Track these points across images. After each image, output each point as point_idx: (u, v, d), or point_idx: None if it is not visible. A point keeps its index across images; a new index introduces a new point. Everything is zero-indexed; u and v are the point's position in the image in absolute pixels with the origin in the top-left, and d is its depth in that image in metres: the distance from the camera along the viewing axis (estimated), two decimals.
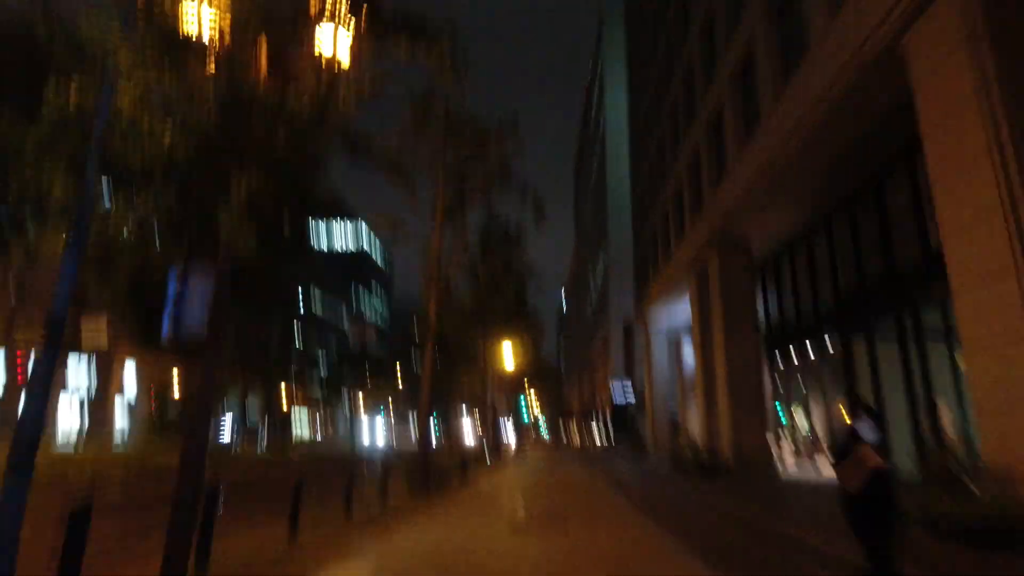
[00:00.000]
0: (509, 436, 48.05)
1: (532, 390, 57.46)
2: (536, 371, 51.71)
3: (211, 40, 5.26)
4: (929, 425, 9.99)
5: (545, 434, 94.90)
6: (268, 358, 65.15)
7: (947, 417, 9.72)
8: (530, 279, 22.33)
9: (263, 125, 5.60)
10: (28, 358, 21.80)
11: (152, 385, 27.55)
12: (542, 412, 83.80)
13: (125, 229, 5.67)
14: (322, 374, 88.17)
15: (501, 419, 43.92)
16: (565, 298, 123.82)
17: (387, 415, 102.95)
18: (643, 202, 31.68)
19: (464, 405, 51.42)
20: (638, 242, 34.34)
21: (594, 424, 60.63)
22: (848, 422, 4.66)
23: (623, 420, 46.82)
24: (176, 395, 26.91)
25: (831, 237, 14.43)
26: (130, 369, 27.19)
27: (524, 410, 48.91)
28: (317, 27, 5.81)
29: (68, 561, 4.04)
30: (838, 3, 9.85)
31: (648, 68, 29.68)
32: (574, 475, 17.75)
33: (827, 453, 15.13)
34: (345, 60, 5.87)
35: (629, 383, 48.73)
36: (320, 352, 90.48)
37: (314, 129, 6.10)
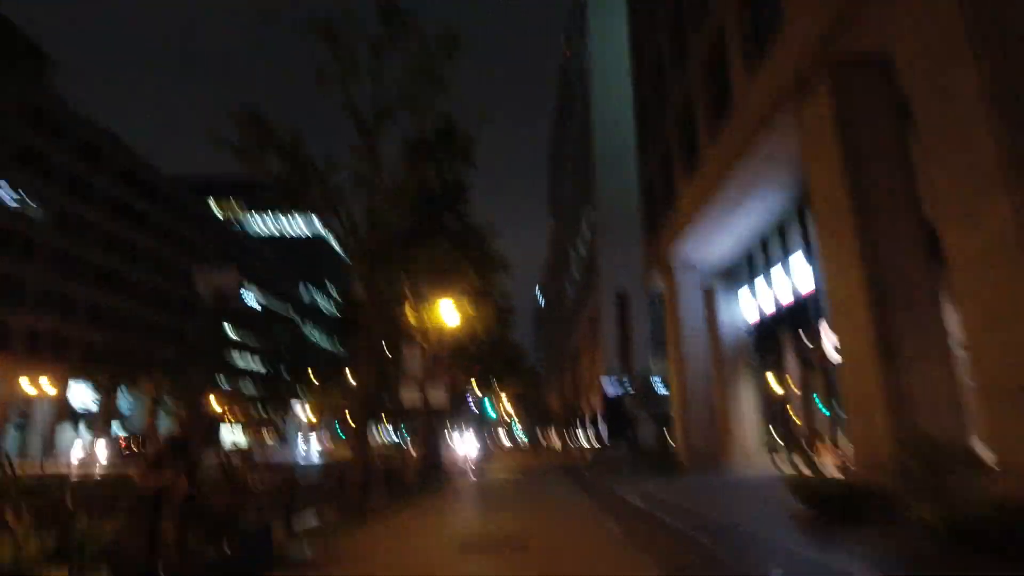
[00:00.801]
0: (471, 442, 37.03)
1: (504, 388, 46.41)
2: (506, 359, 40.53)
3: None
4: None
5: (521, 437, 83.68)
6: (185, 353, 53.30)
7: None
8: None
9: None
10: None
11: None
12: (516, 413, 72.64)
13: None
14: (259, 370, 75.16)
15: (457, 415, 32.84)
16: (540, 294, 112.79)
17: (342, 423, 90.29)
18: (660, 73, 21.09)
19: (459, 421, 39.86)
20: (646, 153, 23.73)
21: (580, 425, 49.77)
22: None
23: (619, 417, 36.23)
24: None
25: None
26: None
27: (490, 407, 37.98)
28: None
29: None
30: None
31: None
32: (575, 543, 6.69)
33: None
34: None
35: (624, 371, 38.38)
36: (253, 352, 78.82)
37: None
